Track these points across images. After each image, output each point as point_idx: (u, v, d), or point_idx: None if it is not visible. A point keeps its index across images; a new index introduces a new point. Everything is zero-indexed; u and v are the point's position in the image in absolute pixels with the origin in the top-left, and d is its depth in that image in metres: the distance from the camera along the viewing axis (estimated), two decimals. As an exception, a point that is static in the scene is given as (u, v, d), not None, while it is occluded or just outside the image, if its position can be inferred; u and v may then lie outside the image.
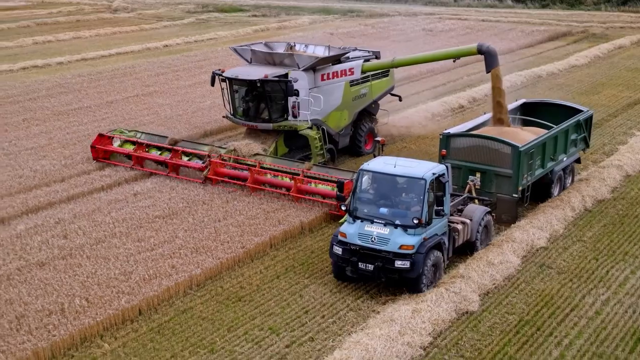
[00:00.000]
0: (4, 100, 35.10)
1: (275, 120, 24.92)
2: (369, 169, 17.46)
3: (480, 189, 20.80)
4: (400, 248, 16.40)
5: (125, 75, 40.95)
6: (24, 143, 28.27)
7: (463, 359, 14.74)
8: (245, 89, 25.13)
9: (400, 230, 16.52)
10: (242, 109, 25.44)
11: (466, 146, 21.16)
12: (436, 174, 17.03)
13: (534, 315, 16.44)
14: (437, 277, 17.25)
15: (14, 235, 19.83)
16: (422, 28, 60.30)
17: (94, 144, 26.00)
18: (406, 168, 17.22)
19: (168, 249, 18.83)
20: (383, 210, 16.95)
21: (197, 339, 15.39)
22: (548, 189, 22.46)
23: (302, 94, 24.61)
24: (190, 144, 25.37)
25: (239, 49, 26.62)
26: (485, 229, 19.21)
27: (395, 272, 16.51)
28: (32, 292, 16.64)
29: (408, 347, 14.73)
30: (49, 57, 47.35)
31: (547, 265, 18.78)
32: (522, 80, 40.25)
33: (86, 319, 15.56)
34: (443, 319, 15.83)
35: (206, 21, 68.27)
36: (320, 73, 25.43)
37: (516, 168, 20.35)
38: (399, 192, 17.29)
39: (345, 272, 17.19)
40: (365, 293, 17.30)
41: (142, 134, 26.40)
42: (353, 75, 26.54)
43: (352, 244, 16.85)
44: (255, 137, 25.41)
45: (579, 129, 23.69)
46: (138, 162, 25.25)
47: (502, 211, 20.64)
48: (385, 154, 19.80)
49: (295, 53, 26.06)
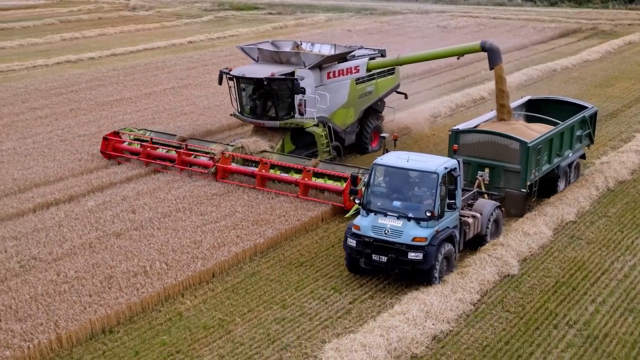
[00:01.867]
0: (49, 92, 36.92)
1: (282, 117, 25.17)
2: (382, 163, 17.78)
3: (489, 184, 21.15)
4: (413, 240, 16.70)
5: (158, 69, 42.76)
6: (76, 130, 30.09)
7: (509, 313, 16.50)
8: (252, 87, 25.39)
9: (413, 222, 16.83)
10: (249, 107, 25.70)
11: (475, 142, 21.49)
12: (448, 168, 17.31)
13: (569, 278, 18.20)
14: (448, 269, 17.62)
15: (87, 211, 21.61)
16: (436, 25, 62.11)
17: (103, 149, 26.32)
18: (419, 162, 17.56)
19: (230, 222, 20.59)
20: (396, 203, 17.27)
21: (269, 297, 17.16)
22: (554, 184, 22.89)
23: (308, 92, 24.83)
24: (198, 141, 25.75)
25: (246, 47, 26.87)
26: (495, 223, 19.59)
27: (408, 263, 16.80)
28: (114, 257, 18.42)
29: (460, 302, 16.51)
30: (79, 52, 49.17)
31: (577, 237, 20.55)
32: (538, 74, 42.01)
33: (168, 279, 17.34)
34: (488, 280, 17.60)
35: (224, 19, 70.09)
36: (326, 71, 25.69)
37: (524, 163, 20.70)
38: (411, 185, 17.62)
39: (358, 264, 17.56)
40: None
41: (152, 132, 26.80)
42: (359, 73, 26.80)
43: (365, 236, 17.14)
44: (262, 135, 25.64)
45: (584, 125, 24.10)
46: (147, 158, 25.58)
47: (511, 206, 21.08)
48: (399, 148, 21.08)
49: (302, 51, 26.37)
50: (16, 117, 32.22)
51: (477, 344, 15.27)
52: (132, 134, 26.93)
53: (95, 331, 15.56)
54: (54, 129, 30.38)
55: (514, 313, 16.52)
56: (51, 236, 19.74)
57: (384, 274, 17.75)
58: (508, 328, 15.90)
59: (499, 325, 15.99)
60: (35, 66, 44.83)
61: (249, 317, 16.26)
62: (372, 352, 14.22)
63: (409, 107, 32.79)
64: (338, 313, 16.47)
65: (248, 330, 15.72)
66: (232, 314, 16.37)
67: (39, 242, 19.38)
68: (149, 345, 15.22)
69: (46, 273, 17.59)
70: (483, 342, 15.33)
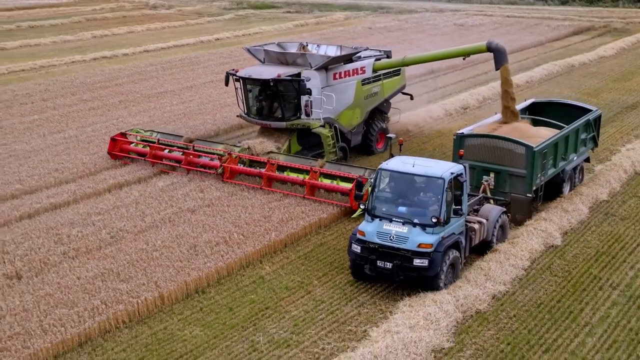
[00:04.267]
0: (94, 86, 38.84)
1: (288, 118, 25.24)
2: (387, 168, 17.53)
3: (494, 189, 20.93)
4: (419, 246, 16.45)
5: (193, 64, 44.65)
6: (131, 120, 31.97)
7: (557, 277, 18.35)
8: (258, 88, 25.49)
9: (418, 228, 16.58)
10: (256, 108, 25.82)
11: (480, 146, 21.22)
12: (454, 173, 17.10)
13: (607, 248, 20.05)
14: (454, 276, 17.36)
15: (158, 190, 23.48)
16: (453, 23, 63.95)
17: (110, 150, 26.43)
18: (425, 167, 17.28)
19: (293, 201, 22.41)
20: (402, 209, 16.99)
21: (339, 264, 19.00)
22: (559, 188, 22.70)
23: (314, 93, 24.89)
24: (204, 142, 25.97)
25: (252, 49, 27.00)
26: (502, 228, 19.44)
27: (414, 270, 16.52)
28: (194, 230, 20.28)
29: (513, 267, 18.37)
30: (113, 49, 51.05)
31: (611, 214, 22.38)
32: (558, 69, 43.85)
33: (247, 247, 19.22)
34: (535, 249, 19.46)
35: (245, 17, 71.97)
36: (332, 72, 25.80)
37: (530, 168, 20.44)
38: (417, 191, 17.38)
39: (363, 270, 17.27)
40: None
41: (158, 133, 27.08)
42: (365, 74, 26.93)
43: (370, 242, 16.88)
44: (269, 136, 25.75)
45: (588, 128, 23.93)
46: (155, 159, 25.70)
47: (517, 210, 20.77)
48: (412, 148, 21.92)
49: (308, 53, 26.45)
50: (70, 108, 34.14)
51: (532, 302, 17.12)
52: (139, 135, 27.00)
53: (189, 291, 17.44)
54: (108, 119, 32.28)
55: (562, 277, 18.37)
56: (131, 212, 21.62)
57: (388, 281, 17.51)
58: (558, 289, 17.76)
59: (549, 287, 17.85)
60: (74, 62, 46.70)
61: (325, 280, 18.14)
62: (443, 307, 16.08)
63: (438, 100, 34.55)
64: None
65: (326, 291, 17.59)
66: (309, 277, 18.25)
67: (122, 216, 21.26)
68: (239, 302, 17.07)
69: (136, 242, 19.48)
70: (537, 301, 17.18)
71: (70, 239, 19.76)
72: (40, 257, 18.61)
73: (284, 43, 28.67)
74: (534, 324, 16.21)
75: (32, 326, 15.37)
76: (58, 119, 32.22)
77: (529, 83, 40.19)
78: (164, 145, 26.18)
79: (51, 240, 19.67)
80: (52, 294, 16.74)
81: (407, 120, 31.14)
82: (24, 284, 17.37)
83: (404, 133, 29.12)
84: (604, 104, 35.16)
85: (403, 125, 30.40)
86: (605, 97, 36.92)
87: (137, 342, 15.50)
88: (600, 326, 16.14)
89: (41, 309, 16.10)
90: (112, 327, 15.84)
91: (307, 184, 22.73)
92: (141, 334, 15.79)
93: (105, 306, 16.18)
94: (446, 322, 15.71)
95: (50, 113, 33.18)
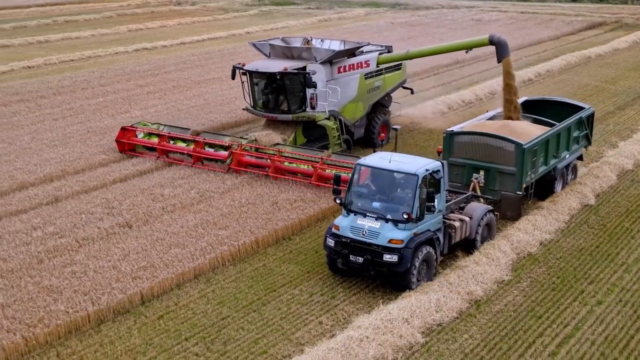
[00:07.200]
0: (145, 73, 41.60)
1: (294, 111, 25.78)
2: (364, 163, 17.63)
3: (484, 187, 20.88)
4: (390, 242, 16.48)
5: (232, 55, 47.34)
6: (188, 102, 34.75)
7: (594, 229, 21.11)
8: (264, 81, 26.01)
9: (391, 224, 16.61)
10: (262, 101, 26.31)
11: (470, 144, 21.24)
12: (430, 170, 17.03)
13: (637, 207, 22.80)
14: (428, 273, 17.35)
15: (230, 160, 26.21)
16: (471, 18, 66.71)
17: (118, 138, 26.75)
18: (400, 164, 17.27)
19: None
20: (376, 204, 17.10)
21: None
22: (551, 186, 22.69)
23: (319, 86, 25.39)
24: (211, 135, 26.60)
25: (258, 44, 27.87)
26: (487, 227, 19.26)
27: (384, 265, 16.58)
28: (271, 190, 23.01)
29: (555, 220, 21.20)
30: (152, 41, 53.72)
31: (637, 180, 25.13)
32: (575, 60, 46.57)
33: (321, 204, 21.99)
34: (573, 207, 22.23)
35: (269, 12, 74.74)
36: (336, 66, 26.34)
37: (520, 165, 20.40)
38: (393, 187, 17.37)
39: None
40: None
41: (165, 126, 27.43)
42: (369, 67, 27.51)
43: (344, 236, 17.02)
44: (275, 128, 26.38)
45: (581, 126, 23.84)
46: (163, 153, 26.20)
47: (507, 208, 20.85)
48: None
49: (313, 47, 27.00)
50: (129, 92, 36.91)
51: (574, 248, 19.90)
52: (147, 129, 27.25)
53: (278, 237, 20.23)
54: (167, 101, 35.03)
55: (598, 229, 21.14)
56: (211, 177, 24.39)
57: (360, 276, 17.82)
58: (596, 238, 20.54)
59: (588, 236, 20.62)
60: (117, 53, 49.42)
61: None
62: (502, 248, 18.89)
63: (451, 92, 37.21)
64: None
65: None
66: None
67: (204, 180, 24.01)
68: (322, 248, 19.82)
69: (223, 200, 22.29)
70: (579, 247, 19.96)
71: (164, 197, 22.53)
72: (143, 211, 21.39)
73: (288, 38, 29.41)
74: (578, 264, 19.00)
75: (155, 261, 18.15)
76: (121, 101, 34.95)
77: (549, 72, 42.93)
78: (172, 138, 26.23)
79: (148, 198, 22.44)
80: (163, 238, 19.54)
81: (426, 110, 32.42)
82: (136, 231, 20.17)
83: (414, 127, 30.34)
84: (622, 90, 37.96)
85: (422, 115, 31.74)
86: (623, 85, 39.63)
87: (242, 275, 18.29)
88: (635, 265, 18.95)
89: (157, 249, 18.89)
90: (219, 264, 18.65)
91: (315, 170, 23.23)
92: (245, 269, 18.59)
93: (211, 247, 18.98)
94: (504, 260, 18.53)
95: (112, 97, 35.91)
